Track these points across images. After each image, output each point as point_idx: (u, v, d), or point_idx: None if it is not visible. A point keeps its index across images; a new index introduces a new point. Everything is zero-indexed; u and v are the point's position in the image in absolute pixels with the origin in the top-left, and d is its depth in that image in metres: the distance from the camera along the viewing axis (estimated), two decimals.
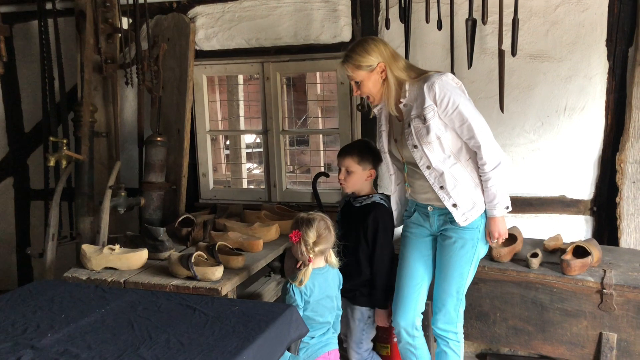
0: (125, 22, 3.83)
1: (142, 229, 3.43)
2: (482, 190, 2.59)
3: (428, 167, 2.61)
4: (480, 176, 2.58)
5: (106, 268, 2.85)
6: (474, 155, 2.58)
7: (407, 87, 2.61)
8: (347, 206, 3.07)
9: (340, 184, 3.01)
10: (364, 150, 2.96)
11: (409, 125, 2.60)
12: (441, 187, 2.60)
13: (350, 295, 2.94)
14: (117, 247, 2.89)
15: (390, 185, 2.93)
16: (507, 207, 2.59)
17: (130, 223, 4.09)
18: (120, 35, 3.81)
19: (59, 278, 2.95)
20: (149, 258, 2.91)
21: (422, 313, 2.83)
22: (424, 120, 2.53)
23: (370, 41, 2.62)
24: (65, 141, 3.59)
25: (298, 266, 2.57)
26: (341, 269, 2.70)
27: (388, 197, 3.01)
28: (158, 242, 3.00)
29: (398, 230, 3.01)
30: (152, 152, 3.71)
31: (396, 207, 2.94)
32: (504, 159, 2.56)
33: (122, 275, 2.75)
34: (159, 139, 3.72)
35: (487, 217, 2.63)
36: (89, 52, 3.66)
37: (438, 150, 2.58)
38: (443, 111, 2.52)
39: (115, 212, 3.48)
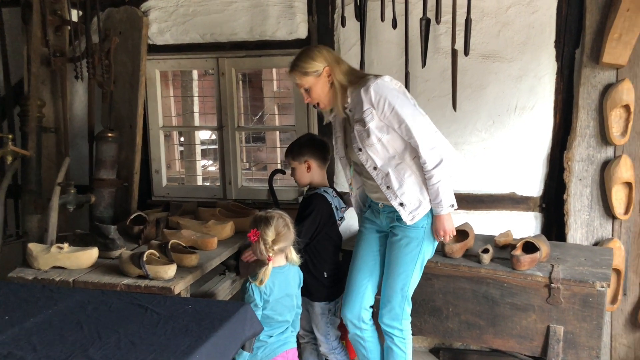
0: (75, 14, 3.71)
1: (93, 227, 3.35)
2: (427, 189, 2.62)
3: (375, 169, 2.66)
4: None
5: (54, 267, 2.77)
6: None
7: (349, 92, 2.67)
8: None
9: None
10: (295, 146, 3.11)
11: (353, 130, 2.66)
12: (388, 187, 2.64)
13: (306, 292, 2.95)
14: (65, 245, 2.81)
15: (350, 189, 2.98)
16: (452, 205, 2.61)
17: (80, 221, 3.99)
18: (69, 27, 3.70)
19: (3, 278, 2.84)
20: (99, 257, 2.84)
21: (373, 307, 2.88)
22: (363, 123, 2.59)
23: (314, 48, 2.73)
24: (10, 136, 3.47)
25: (247, 259, 2.56)
26: None
27: (343, 194, 3.07)
28: (109, 240, 2.93)
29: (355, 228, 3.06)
30: (103, 148, 3.62)
31: (358, 211, 2.99)
32: (448, 156, 2.56)
33: (71, 275, 2.67)
34: (110, 134, 3.63)
35: (433, 215, 2.66)
36: (36, 44, 3.54)
37: (382, 152, 2.63)
38: (381, 113, 2.57)
39: (64, 210, 3.38)
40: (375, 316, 2.88)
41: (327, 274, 3.00)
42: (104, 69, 3.62)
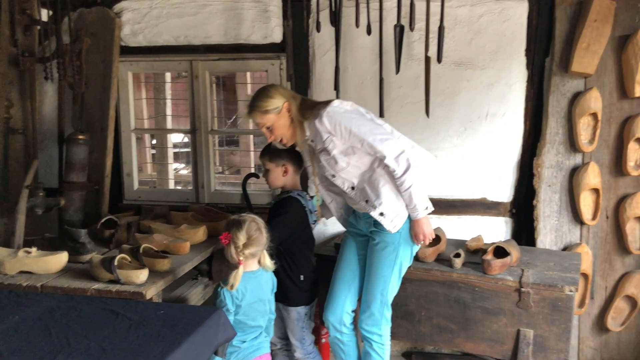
0: (44, 14, 3.65)
1: (62, 230, 3.29)
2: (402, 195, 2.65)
3: (352, 189, 2.71)
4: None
5: (21, 272, 2.70)
6: None
7: (305, 125, 2.72)
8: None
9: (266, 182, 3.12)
10: (275, 148, 3.00)
11: (320, 160, 2.72)
12: (366, 201, 2.68)
13: (282, 297, 2.94)
14: (33, 249, 2.75)
15: (332, 210, 3.02)
16: (427, 208, 2.65)
17: (49, 225, 3.90)
18: (39, 27, 3.63)
19: None
20: (68, 261, 2.78)
21: (354, 312, 2.89)
22: (327, 153, 2.65)
23: (270, 86, 2.80)
24: None
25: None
26: None
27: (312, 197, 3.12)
28: (79, 244, 2.88)
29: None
30: (74, 150, 3.56)
31: (346, 225, 3.01)
32: (417, 159, 2.58)
33: (39, 280, 2.62)
34: (80, 137, 3.57)
35: (411, 220, 2.69)
36: (4, 43, 3.46)
37: (355, 171, 2.69)
38: (341, 138, 2.62)
39: (32, 213, 3.30)
40: (355, 321, 2.90)
41: (303, 277, 3.00)
42: (75, 70, 3.55)
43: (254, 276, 2.53)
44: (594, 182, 3.32)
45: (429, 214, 2.68)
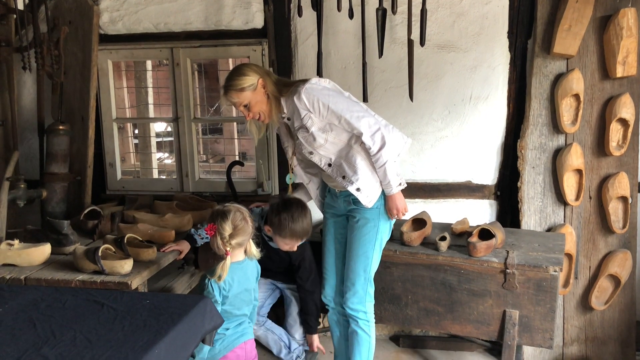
0: (20, 3, 3.58)
1: (45, 222, 3.25)
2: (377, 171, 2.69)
3: (329, 165, 2.74)
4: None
5: (4, 265, 2.67)
6: None
7: (282, 101, 2.73)
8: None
9: None
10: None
11: (298, 137, 2.74)
12: (343, 177, 2.71)
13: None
14: (16, 242, 2.72)
15: (310, 191, 3.03)
16: (400, 184, 2.70)
17: (31, 217, 3.86)
18: (15, 16, 3.56)
19: None
20: (52, 253, 2.76)
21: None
22: (306, 129, 2.68)
23: (242, 65, 2.78)
24: None
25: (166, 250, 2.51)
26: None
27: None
28: (62, 235, 2.85)
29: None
30: (54, 141, 3.52)
31: (320, 207, 3.05)
32: (391, 137, 2.61)
33: (22, 272, 2.59)
34: (61, 127, 3.53)
35: (385, 196, 2.73)
36: None
37: (332, 148, 2.71)
38: (319, 115, 2.65)
39: (14, 206, 3.27)
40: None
41: None
42: (54, 59, 3.50)
43: (240, 266, 2.52)
44: (577, 163, 3.35)
45: (403, 191, 2.72)
